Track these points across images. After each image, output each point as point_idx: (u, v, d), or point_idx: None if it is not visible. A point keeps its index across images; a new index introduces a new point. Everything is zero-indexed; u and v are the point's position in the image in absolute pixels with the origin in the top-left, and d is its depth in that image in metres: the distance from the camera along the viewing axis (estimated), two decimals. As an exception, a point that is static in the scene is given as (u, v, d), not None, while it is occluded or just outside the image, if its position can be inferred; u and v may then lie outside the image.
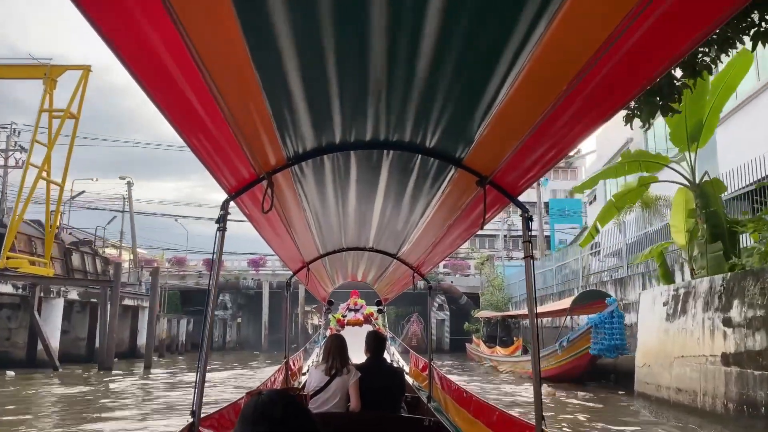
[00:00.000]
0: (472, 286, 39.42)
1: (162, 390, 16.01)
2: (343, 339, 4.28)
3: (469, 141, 2.33)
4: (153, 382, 18.03)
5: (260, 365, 24.97)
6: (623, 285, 15.45)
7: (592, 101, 1.78)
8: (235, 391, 14.39)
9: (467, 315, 37.78)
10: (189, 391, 14.66)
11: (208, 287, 2.67)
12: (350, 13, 1.45)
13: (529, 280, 2.62)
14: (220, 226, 2.59)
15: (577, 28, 1.45)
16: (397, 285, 6.94)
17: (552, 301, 22.05)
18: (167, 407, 12.36)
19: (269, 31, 1.47)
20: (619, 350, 13.02)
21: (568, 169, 61.27)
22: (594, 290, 15.43)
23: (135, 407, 12.45)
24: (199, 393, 2.56)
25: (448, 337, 36.82)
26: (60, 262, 22.85)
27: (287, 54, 1.60)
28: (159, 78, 1.62)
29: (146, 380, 18.04)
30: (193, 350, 35.72)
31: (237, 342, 39.11)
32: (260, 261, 39.92)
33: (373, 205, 3.46)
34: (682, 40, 1.43)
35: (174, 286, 37.98)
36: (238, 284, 38.19)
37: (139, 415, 11.36)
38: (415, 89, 1.88)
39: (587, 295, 14.91)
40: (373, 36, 1.54)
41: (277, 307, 38.82)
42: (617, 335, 12.84)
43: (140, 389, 16.11)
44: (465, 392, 4.31)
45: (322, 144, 2.42)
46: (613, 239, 18.61)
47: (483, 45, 1.60)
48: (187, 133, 1.95)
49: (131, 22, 1.34)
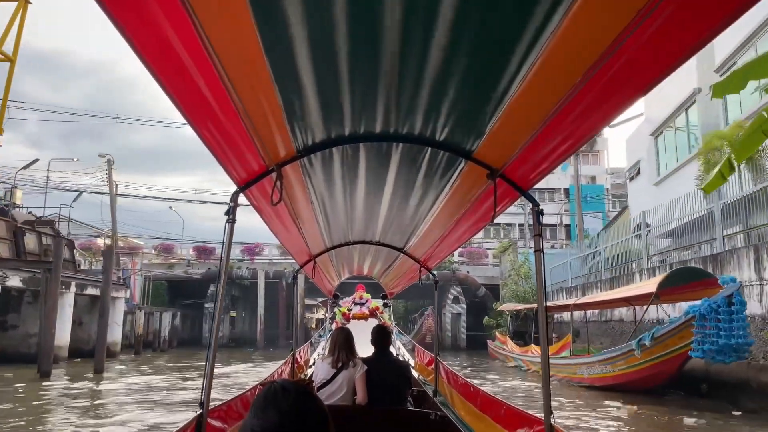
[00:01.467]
0: (489, 276, 35.50)
1: (83, 406, 12.17)
2: (350, 332, 4.26)
3: (479, 134, 2.31)
4: (81, 391, 14.21)
5: (253, 368, 21.14)
6: (719, 263, 11.42)
7: (607, 93, 1.74)
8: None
9: (485, 308, 33.94)
10: (140, 406, 11.00)
11: (217, 282, 2.41)
12: (363, 5, 1.44)
13: (540, 274, 2.62)
14: (230, 218, 2.58)
15: (593, 18, 1.42)
16: (404, 279, 6.92)
17: (599, 290, 18.05)
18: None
19: (282, 23, 1.48)
20: (740, 353, 9.03)
21: (590, 153, 57.19)
22: (692, 268, 11.35)
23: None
24: (207, 384, 2.54)
25: (464, 333, 32.89)
26: (8, 243, 19.08)
27: (299, 46, 1.60)
28: (172, 69, 1.61)
29: (80, 389, 14.10)
30: (180, 347, 32.07)
31: (230, 338, 35.29)
32: (256, 249, 36.10)
33: (381, 198, 3.42)
34: (701, 30, 1.37)
35: (159, 276, 34.23)
36: (232, 274, 34.34)
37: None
38: (426, 81, 1.86)
39: (684, 273, 10.84)
40: (385, 28, 1.53)
41: (274, 298, 35.01)
42: (739, 331, 8.84)
43: (60, 405, 12.26)
44: (471, 386, 4.29)
45: (331, 136, 2.41)
46: (672, 214, 14.59)
47: (496, 37, 1.58)
48: (198, 124, 1.94)
49: (147, 14, 1.34)
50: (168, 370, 19.82)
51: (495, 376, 17.61)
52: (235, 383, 15.01)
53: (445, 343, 31.97)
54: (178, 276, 34.43)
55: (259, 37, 1.50)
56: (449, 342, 32.50)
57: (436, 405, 4.76)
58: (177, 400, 12.26)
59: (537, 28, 1.47)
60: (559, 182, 53.66)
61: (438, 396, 5.28)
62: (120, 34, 1.35)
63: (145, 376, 17.23)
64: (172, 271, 34.65)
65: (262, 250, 36.16)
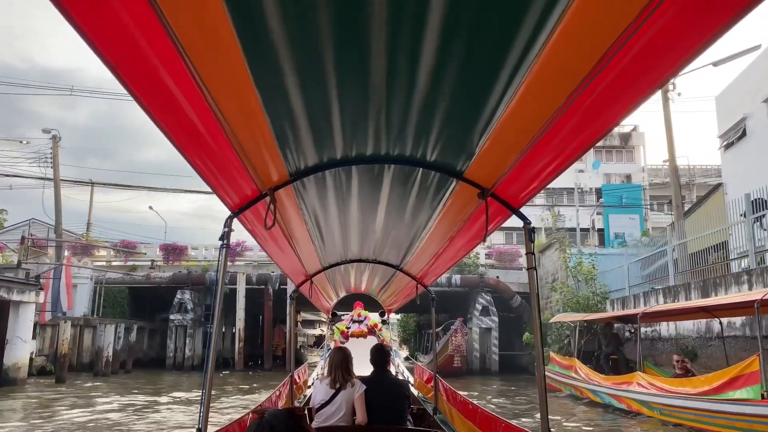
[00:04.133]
0: (524, 283, 28.71)
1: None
2: (347, 351, 4.23)
3: (469, 154, 2.34)
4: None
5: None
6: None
7: (591, 115, 1.78)
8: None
9: (519, 322, 27.11)
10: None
11: (212, 305, 2.79)
12: (350, 32, 1.45)
13: (533, 292, 2.65)
14: (224, 243, 2.62)
15: (575, 42, 1.45)
16: (401, 296, 6.94)
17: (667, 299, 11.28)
18: None
19: (270, 52, 1.49)
20: None
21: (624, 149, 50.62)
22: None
23: None
24: (204, 410, 2.57)
25: (496, 354, 25.97)
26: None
27: (288, 73, 1.62)
28: (162, 100, 1.63)
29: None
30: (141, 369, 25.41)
31: (203, 358, 28.42)
32: (237, 248, 29.50)
33: (375, 217, 3.44)
34: (680, 54, 1.41)
35: (114, 281, 27.58)
36: (204, 278, 27.67)
37: None
38: (415, 104, 1.89)
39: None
40: (373, 53, 1.55)
41: (257, 309, 28.29)
42: None
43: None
44: (470, 404, 4.30)
45: (323, 160, 2.43)
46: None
47: (482, 60, 1.61)
48: (190, 154, 1.95)
49: (135, 49, 1.35)
50: (100, 403, 13.20)
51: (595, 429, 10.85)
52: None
53: (472, 366, 25.11)
54: (139, 280, 27.75)
55: (247, 66, 1.54)
56: (477, 365, 25.61)
57: (436, 423, 4.89)
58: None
59: (521, 53, 1.51)
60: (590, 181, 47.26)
61: (438, 414, 5.28)
62: (110, 71, 1.36)
63: (47, 418, 10.61)
64: (131, 275, 27.97)
65: (245, 250, 29.54)
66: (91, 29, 1.23)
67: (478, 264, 28.60)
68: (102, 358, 21.24)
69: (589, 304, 18.69)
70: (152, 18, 1.25)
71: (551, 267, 25.21)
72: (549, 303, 24.95)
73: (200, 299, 28.29)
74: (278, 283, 27.07)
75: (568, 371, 15.71)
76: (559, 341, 19.44)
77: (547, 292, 25.36)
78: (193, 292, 27.58)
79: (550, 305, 24.77)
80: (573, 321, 17.27)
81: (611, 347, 15.63)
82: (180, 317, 26.95)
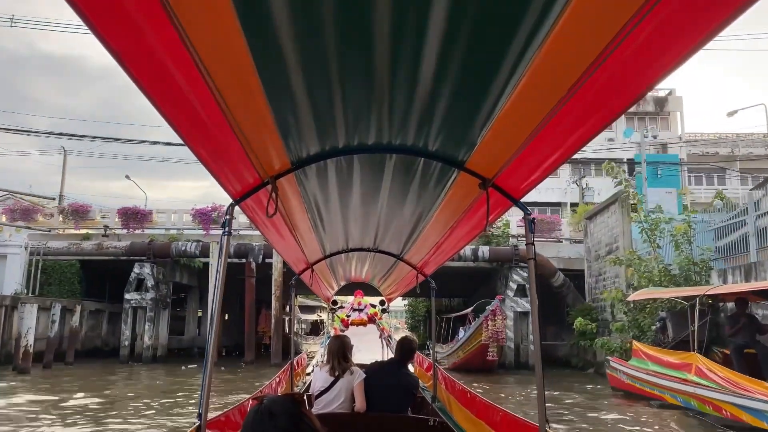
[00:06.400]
0: (565, 258, 23.40)
1: None
2: (344, 339, 4.35)
3: (471, 144, 2.36)
4: None
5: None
6: None
7: (593, 106, 1.80)
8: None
9: (562, 305, 21.82)
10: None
11: (213, 294, 2.69)
12: (353, 20, 1.46)
13: (533, 283, 2.66)
14: (226, 230, 2.64)
15: (578, 34, 1.46)
16: (401, 285, 7.02)
17: None
18: None
19: (273, 39, 1.49)
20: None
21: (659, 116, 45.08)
22: None
23: None
24: (205, 395, 2.59)
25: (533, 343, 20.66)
26: None
27: (290, 61, 1.62)
28: (164, 87, 1.62)
29: None
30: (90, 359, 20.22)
31: (168, 347, 23.05)
32: (213, 213, 24.13)
33: (376, 207, 3.47)
34: (681, 47, 1.42)
35: (57, 250, 22.21)
36: (170, 249, 22.26)
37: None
38: (418, 94, 1.89)
39: None
40: (376, 41, 1.54)
41: (236, 288, 22.90)
42: None
43: None
44: (469, 392, 4.34)
45: (325, 148, 2.45)
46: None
47: (485, 50, 1.62)
48: (192, 142, 1.97)
49: (138, 36, 1.36)
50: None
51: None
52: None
53: (506, 357, 19.90)
54: (88, 251, 22.37)
55: (250, 54, 1.52)
56: (512, 356, 20.35)
57: (435, 411, 4.93)
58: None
59: (524, 44, 1.51)
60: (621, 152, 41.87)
61: (436, 402, 5.37)
62: (114, 58, 1.37)
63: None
64: (80, 244, 22.59)
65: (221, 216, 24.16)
66: (95, 16, 1.24)
67: (508, 234, 23.24)
68: (20, 348, 15.90)
69: (687, 276, 13.30)
70: (156, 5, 1.26)
71: (606, 235, 19.85)
72: (603, 280, 19.66)
73: (166, 275, 22.94)
74: (262, 255, 21.66)
75: (679, 372, 10.41)
76: (637, 326, 14.11)
77: (600, 267, 20.06)
78: (155, 266, 22.20)
79: (604, 283, 19.49)
80: (671, 298, 11.95)
81: (744, 337, 10.32)
82: (138, 297, 21.59)
